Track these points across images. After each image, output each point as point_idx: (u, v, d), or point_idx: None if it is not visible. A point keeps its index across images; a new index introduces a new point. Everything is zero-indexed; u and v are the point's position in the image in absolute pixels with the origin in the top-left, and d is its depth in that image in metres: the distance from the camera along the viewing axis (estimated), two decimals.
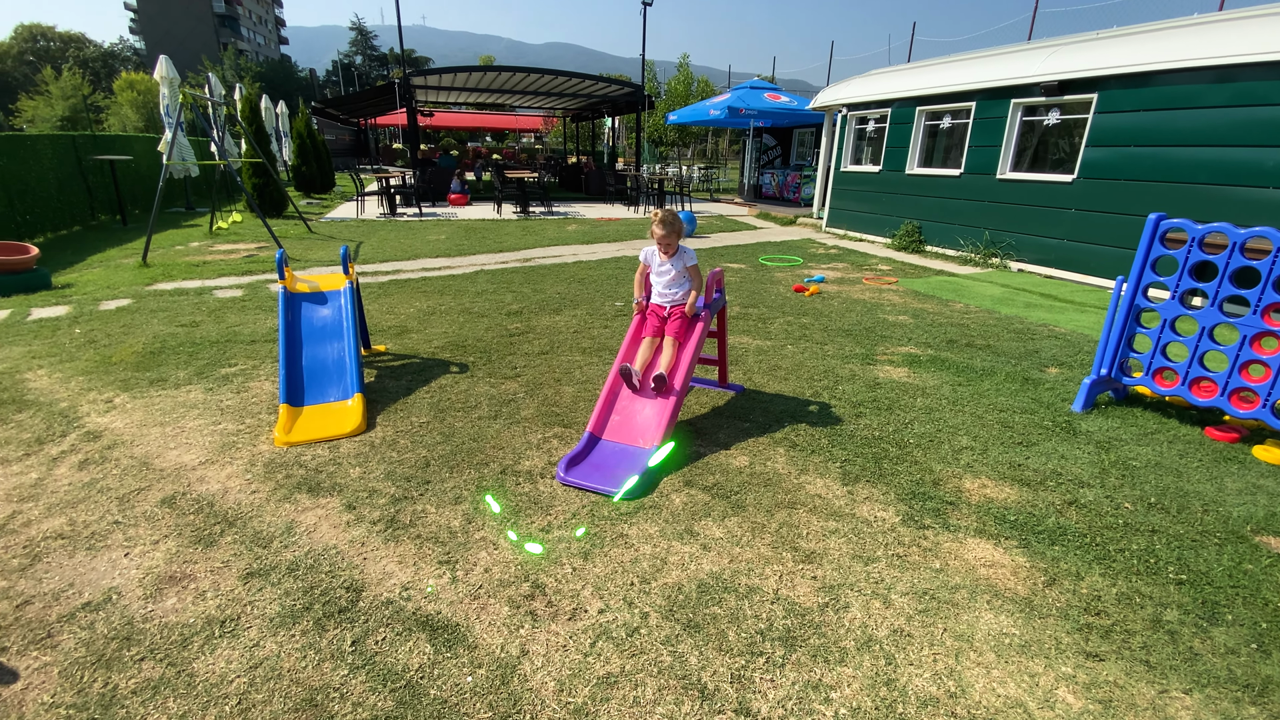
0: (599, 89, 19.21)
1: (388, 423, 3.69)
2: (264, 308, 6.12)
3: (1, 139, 9.27)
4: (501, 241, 10.64)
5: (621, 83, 19.39)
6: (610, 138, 24.82)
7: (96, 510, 2.82)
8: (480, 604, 2.28)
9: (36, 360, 4.62)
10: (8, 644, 2.09)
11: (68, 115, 43.00)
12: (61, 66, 50.11)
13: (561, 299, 6.74)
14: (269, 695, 1.91)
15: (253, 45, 76.95)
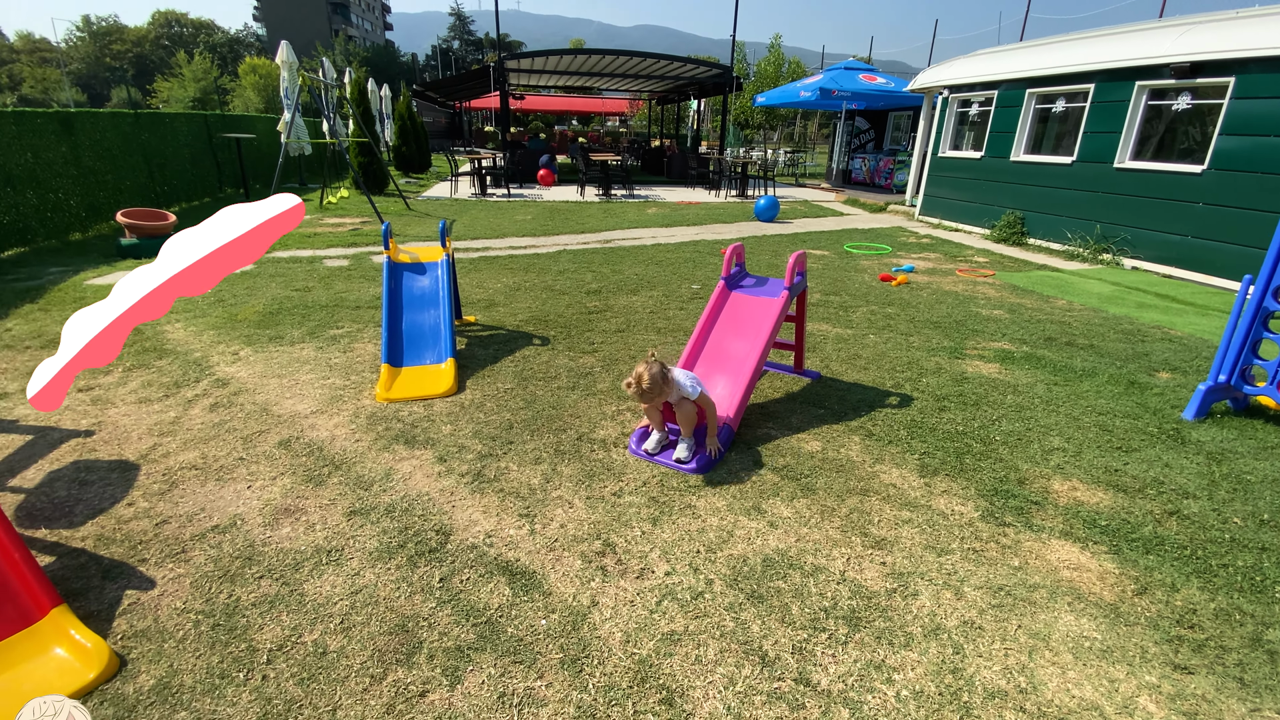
0: (686, 71, 19.05)
1: (476, 387, 3.92)
2: (367, 277, 6.58)
3: (146, 117, 10.35)
4: (583, 223, 10.85)
5: (709, 64, 19.15)
6: (695, 120, 24.55)
7: (224, 447, 3.19)
8: (555, 556, 2.43)
9: (174, 315, 5.21)
10: (148, 556, 2.43)
11: (198, 96, 47.20)
12: (193, 51, 54.97)
13: (639, 280, 6.83)
14: (366, 618, 2.13)
15: (361, 31, 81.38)
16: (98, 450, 3.13)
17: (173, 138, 10.97)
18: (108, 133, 9.05)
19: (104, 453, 3.11)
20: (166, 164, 10.68)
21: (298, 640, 2.03)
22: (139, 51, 64.59)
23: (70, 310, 5.22)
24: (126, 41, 65.92)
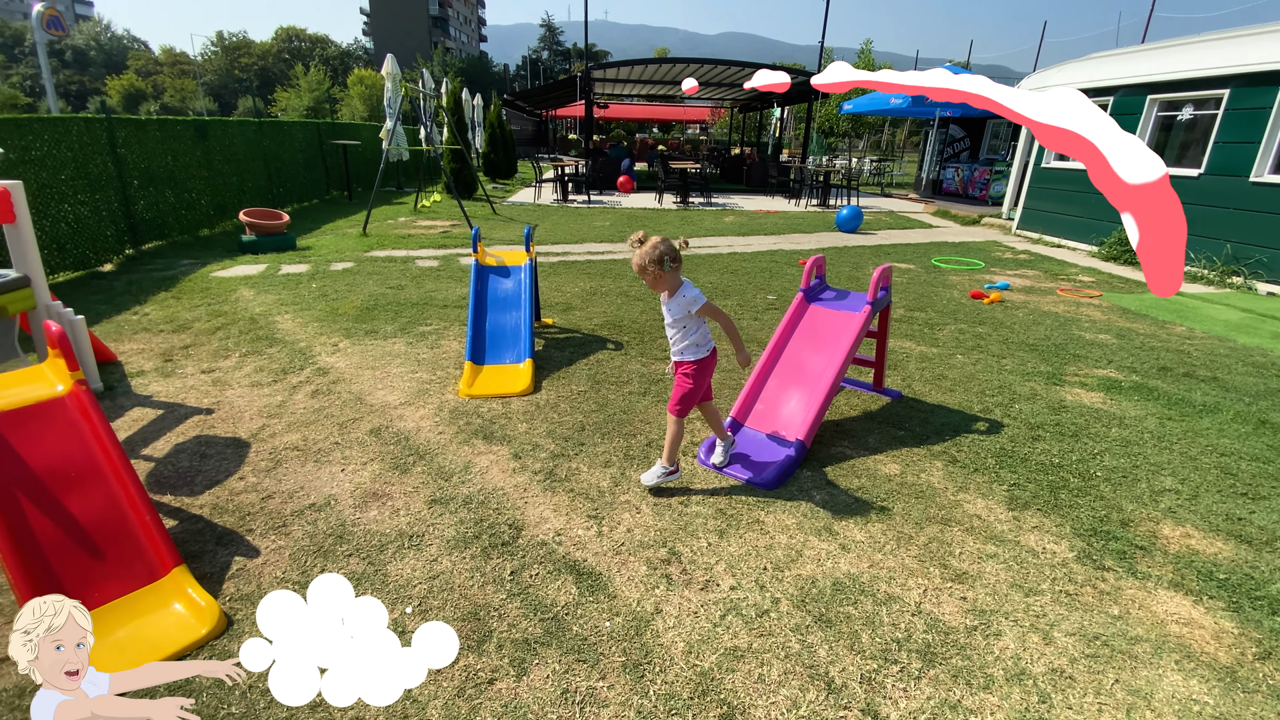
0: None
1: (551, 387, 4.04)
2: (454, 277, 6.91)
3: (268, 125, 11.33)
4: (660, 230, 10.93)
5: (795, 71, 18.84)
6: (777, 128, 24.21)
7: (322, 431, 3.44)
8: (621, 560, 2.46)
9: (284, 306, 5.67)
10: (254, 527, 2.65)
11: (311, 105, 51.11)
12: (309, 64, 59.65)
13: (713, 289, 6.80)
14: (442, 603, 2.24)
15: (458, 43, 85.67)
16: (216, 427, 3.46)
17: (290, 144, 11.95)
18: (235, 139, 9.98)
19: (221, 430, 3.43)
20: (283, 168, 11.64)
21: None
22: (263, 64, 70.83)
23: (198, 299, 5.80)
24: (253, 55, 72.47)
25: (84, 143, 6.91)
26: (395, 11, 77.33)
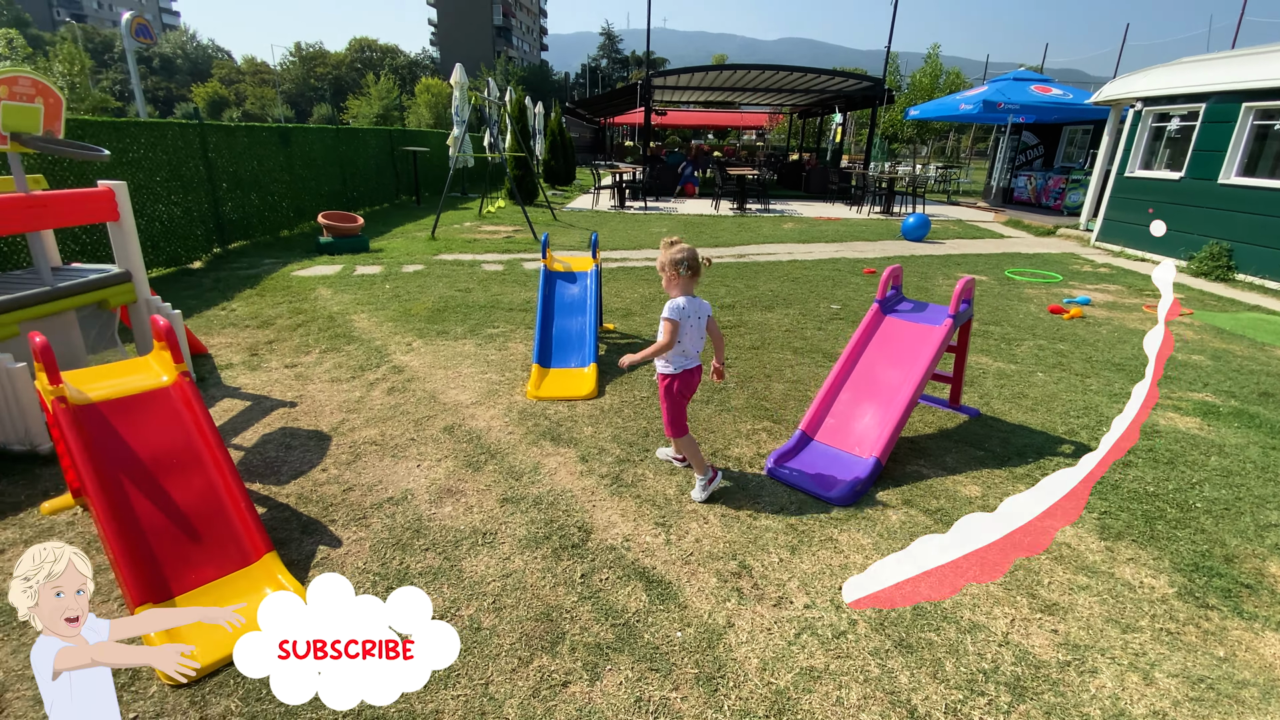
0: (833, 84, 18.53)
1: (615, 392, 4.06)
2: (519, 281, 7.06)
3: (345, 132, 11.88)
4: (717, 237, 10.88)
5: (858, 76, 18.48)
6: (839, 134, 23.75)
7: (399, 427, 3.56)
8: (690, 570, 2.44)
9: (359, 306, 5.91)
10: (336, 518, 2.76)
11: (380, 113, 53.34)
12: (379, 73, 62.28)
13: (774, 296, 6.72)
14: (516, 601, 2.28)
15: (520, 52, 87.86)
16: (299, 420, 3.63)
17: (363, 150, 12.49)
18: (314, 145, 10.50)
19: (304, 422, 3.60)
20: (357, 173, 12.18)
21: (456, 613, 2.22)
22: (337, 73, 74.42)
23: (280, 297, 6.12)
24: (328, 65, 76.23)
25: (178, 147, 7.41)
26: (461, 22, 79.96)
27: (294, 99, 72.19)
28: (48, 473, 2.98)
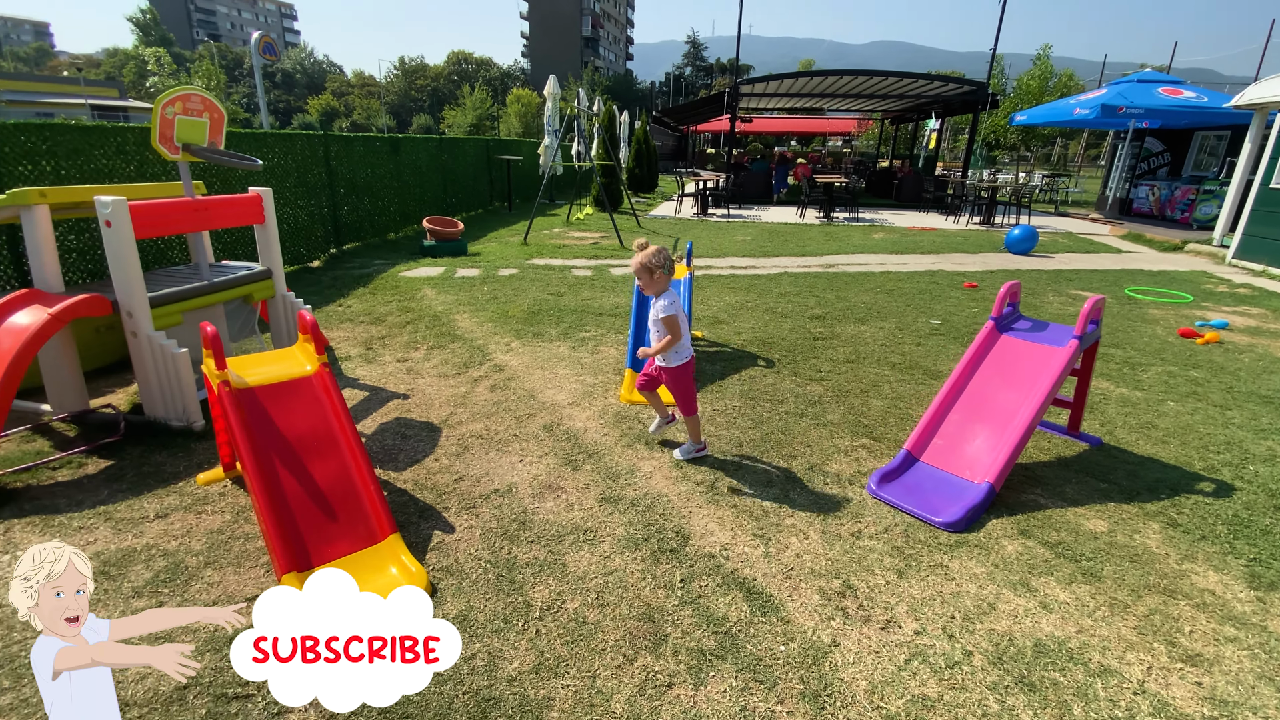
0: (930, 88, 17.76)
1: (705, 400, 4.07)
2: (607, 286, 7.22)
3: (446, 141, 12.55)
4: (804, 246, 10.67)
5: (957, 80, 17.61)
6: (934, 140, 22.71)
7: (502, 423, 3.73)
8: (792, 584, 2.41)
9: (461, 307, 6.23)
10: (449, 505, 2.92)
11: (474, 122, 55.95)
12: (474, 84, 65.36)
13: (867, 309, 6.52)
14: (618, 599, 2.33)
15: (606, 62, 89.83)
16: (412, 411, 3.87)
17: (462, 158, 13.16)
18: (420, 153, 11.16)
19: (417, 414, 3.83)
20: (457, 180, 12.84)
21: (562, 606, 2.29)
22: (435, 85, 78.79)
23: (390, 296, 6.55)
24: (427, 77, 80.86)
25: (305, 155, 8.08)
26: (551, 34, 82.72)
27: (396, 110, 76.97)
28: (201, 447, 3.33)
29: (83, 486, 2.97)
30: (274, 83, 77.31)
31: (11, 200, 3.35)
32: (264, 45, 17.51)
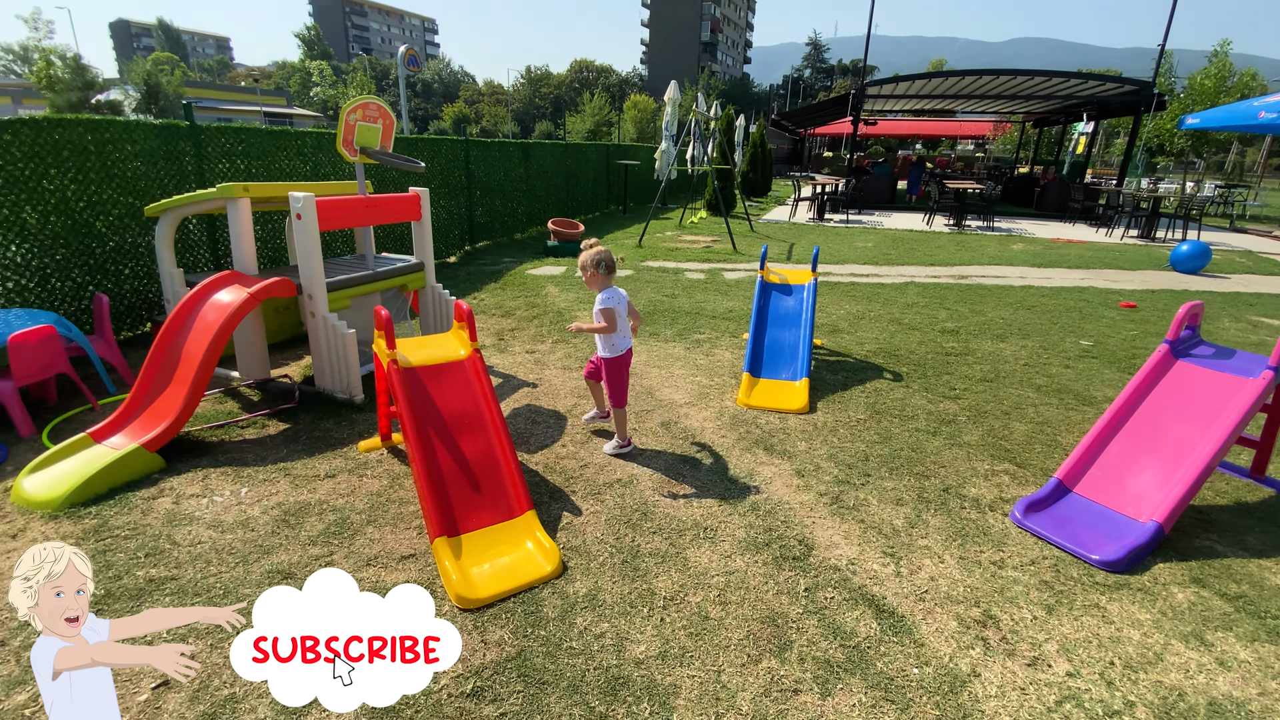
0: (1084, 88, 16.15)
1: (827, 410, 3.98)
2: (720, 290, 7.22)
3: (571, 146, 13.08)
4: (932, 255, 10.08)
5: (1116, 79, 15.87)
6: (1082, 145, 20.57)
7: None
8: (926, 608, 2.31)
9: (582, 304, 6.48)
10: (576, 489, 3.06)
11: (591, 128, 57.79)
12: (594, 91, 67.49)
13: (1006, 325, 6.05)
14: (740, 599, 2.34)
15: (723, 67, 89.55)
16: (540, 400, 4.09)
17: (584, 162, 13.66)
18: (547, 158, 11.72)
19: (544, 402, 4.05)
20: (578, 184, 13.36)
21: (685, 598, 2.34)
22: (558, 93, 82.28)
23: (518, 291, 6.94)
24: (551, 85, 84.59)
25: (449, 159, 8.74)
26: (671, 40, 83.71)
27: (520, 116, 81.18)
28: (361, 418, 3.72)
29: (265, 445, 3.41)
30: (415, 91, 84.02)
31: (221, 193, 3.90)
32: (408, 57, 19.14)
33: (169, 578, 2.35)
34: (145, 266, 5.03)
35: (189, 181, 5.27)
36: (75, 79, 25.40)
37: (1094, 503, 2.80)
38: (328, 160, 6.73)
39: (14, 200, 4.17)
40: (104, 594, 2.25)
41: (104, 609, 2.18)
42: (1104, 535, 2.62)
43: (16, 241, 4.22)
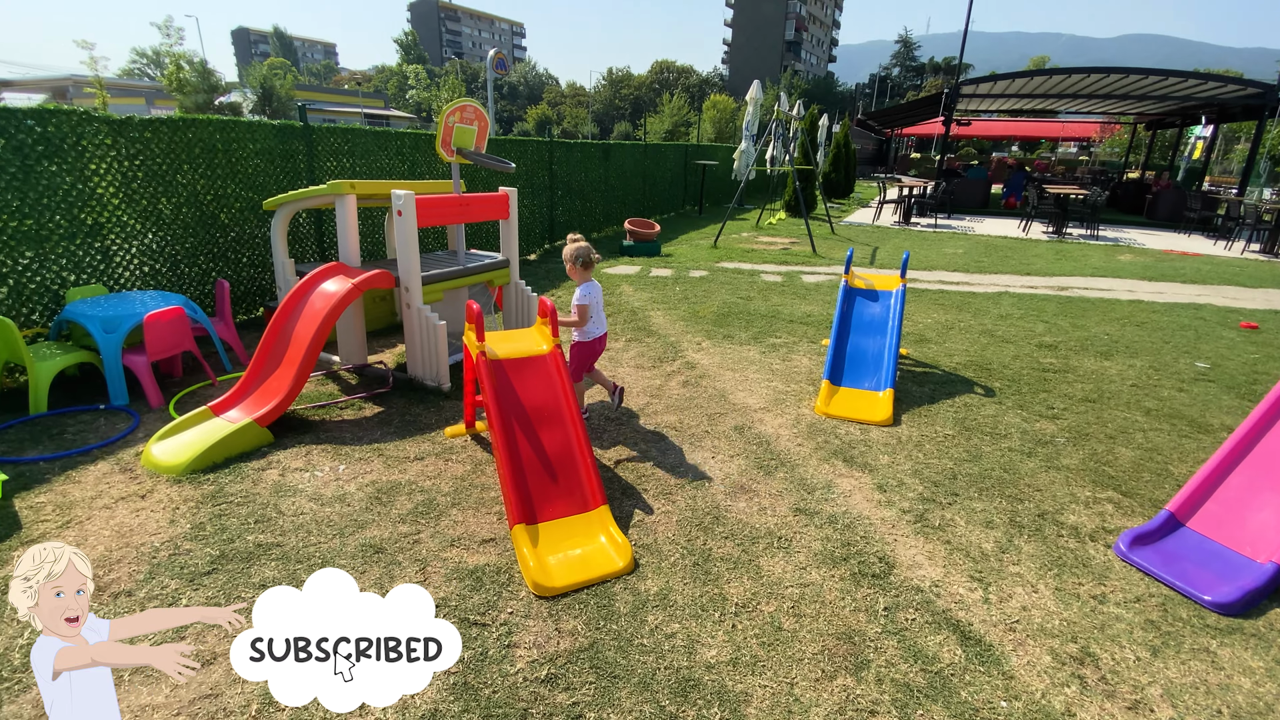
0: (1202, 90, 14.71)
1: (912, 423, 3.82)
2: (798, 294, 7.07)
3: (650, 147, 13.17)
4: (1029, 264, 9.47)
5: (1238, 80, 14.37)
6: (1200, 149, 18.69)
7: (695, 418, 3.84)
8: (1017, 639, 2.18)
9: (655, 304, 6.52)
10: (648, 488, 3.08)
11: (669, 129, 57.87)
12: (673, 92, 67.57)
13: (1111, 342, 5.61)
14: (815, 612, 2.29)
15: (806, 65, 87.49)
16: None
17: (662, 163, 13.72)
18: (626, 159, 11.86)
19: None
20: (655, 184, 13.44)
21: (757, 606, 2.31)
22: (637, 94, 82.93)
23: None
24: (631, 86, 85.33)
25: (534, 160, 9.00)
26: (753, 39, 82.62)
27: (600, 118, 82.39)
28: (447, 405, 3.90)
29: (361, 426, 3.64)
30: (500, 94, 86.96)
31: (331, 190, 4.18)
32: (497, 61, 19.83)
33: (275, 544, 2.55)
34: (260, 256, 5.47)
35: (301, 178, 5.69)
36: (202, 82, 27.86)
37: (1208, 539, 2.56)
38: (423, 160, 7.09)
39: (152, 192, 4.63)
40: (218, 555, 2.47)
41: (218, 569, 2.40)
42: (1217, 575, 2.38)
43: (153, 230, 4.69)
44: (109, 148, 4.31)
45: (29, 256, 3.97)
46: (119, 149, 4.37)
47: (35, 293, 4.03)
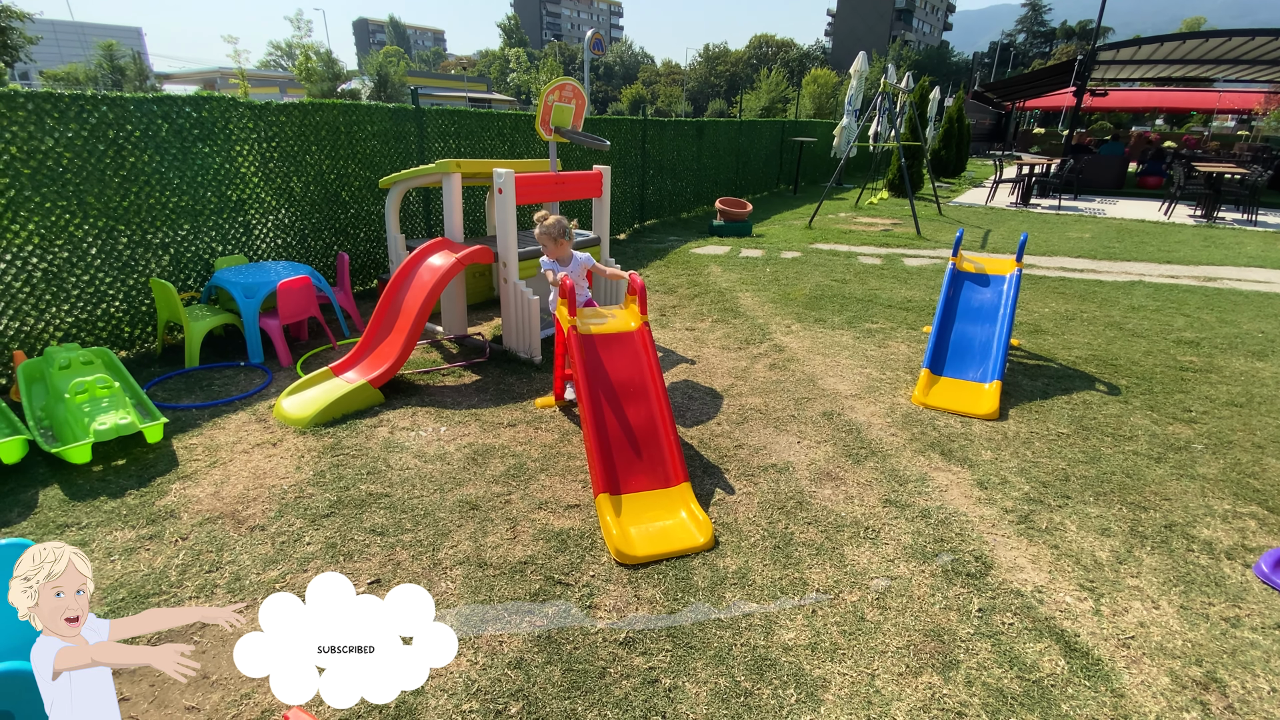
0: None
1: (1021, 419, 3.56)
2: (898, 278, 6.72)
3: (745, 124, 12.84)
4: (1169, 250, 8.46)
5: None
6: None
7: (781, 401, 3.77)
8: (1131, 656, 2.01)
9: (744, 285, 6.41)
10: (729, 468, 3.07)
11: (766, 105, 56.11)
12: (772, 67, 65.31)
13: (1267, 340, 4.93)
14: (901, 607, 2.21)
15: (918, 35, 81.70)
16: (697, 377, 4.14)
17: (757, 140, 13.36)
18: (720, 137, 11.64)
19: (701, 379, 4.10)
20: (749, 162, 13.12)
21: (839, 595, 2.26)
22: (734, 70, 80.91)
23: (680, 270, 7.05)
24: (727, 63, 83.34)
25: (627, 139, 9.03)
26: (860, 8, 78.05)
27: (694, 96, 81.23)
28: (538, 376, 4.05)
29: (461, 392, 3.86)
30: (596, 74, 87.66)
31: (439, 169, 4.40)
32: (594, 42, 19.96)
33: (383, 494, 2.78)
34: (375, 231, 5.88)
35: (412, 158, 6.03)
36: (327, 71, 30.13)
37: None
38: (522, 140, 7.30)
39: (285, 171, 5.08)
40: (336, 500, 2.72)
41: (335, 513, 2.64)
42: None
43: (285, 206, 5.15)
44: (250, 130, 4.75)
45: (186, 229, 4.48)
46: (259, 131, 4.81)
47: (190, 261, 4.55)
